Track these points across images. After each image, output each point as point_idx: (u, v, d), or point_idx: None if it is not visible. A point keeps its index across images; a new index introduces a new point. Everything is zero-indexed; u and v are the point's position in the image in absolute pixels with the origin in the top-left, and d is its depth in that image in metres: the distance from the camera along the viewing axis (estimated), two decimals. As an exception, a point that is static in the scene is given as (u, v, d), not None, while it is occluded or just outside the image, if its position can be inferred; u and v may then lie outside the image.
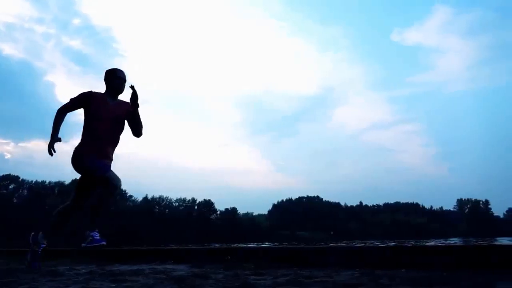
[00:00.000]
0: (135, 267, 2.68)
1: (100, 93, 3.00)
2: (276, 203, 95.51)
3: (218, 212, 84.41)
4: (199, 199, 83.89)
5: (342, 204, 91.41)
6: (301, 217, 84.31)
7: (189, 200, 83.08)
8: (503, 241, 26.98)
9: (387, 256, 2.35)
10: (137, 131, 3.10)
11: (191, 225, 72.41)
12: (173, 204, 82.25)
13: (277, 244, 25.36)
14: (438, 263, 2.16)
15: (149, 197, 78.60)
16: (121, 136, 3.06)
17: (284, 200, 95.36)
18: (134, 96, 2.91)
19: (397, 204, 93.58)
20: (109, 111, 2.95)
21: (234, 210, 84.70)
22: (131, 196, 76.35)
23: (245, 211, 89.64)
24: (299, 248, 2.91)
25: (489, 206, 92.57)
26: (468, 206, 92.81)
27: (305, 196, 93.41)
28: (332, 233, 75.47)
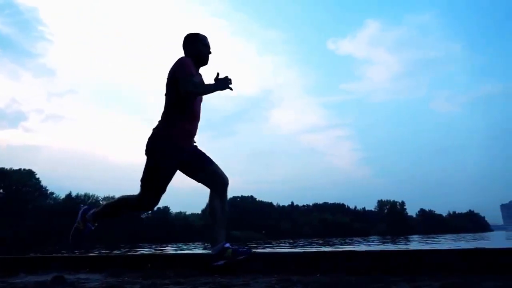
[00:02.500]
0: (42, 278, 2.46)
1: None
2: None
3: (149, 211, 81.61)
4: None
5: (275, 204, 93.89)
6: (235, 216, 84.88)
7: (118, 198, 79.20)
8: (414, 238, 29.99)
9: (305, 262, 2.45)
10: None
11: (120, 225, 68.94)
12: (101, 202, 77.81)
13: (208, 244, 25.21)
14: (350, 268, 2.31)
15: (73, 194, 73.27)
16: None
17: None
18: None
19: (325, 204, 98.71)
20: None
21: (166, 209, 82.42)
22: (51, 193, 70.49)
23: (178, 210, 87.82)
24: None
25: (405, 207, 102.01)
26: (387, 206, 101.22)
27: (240, 196, 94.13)
28: (264, 232, 77.15)
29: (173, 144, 2.24)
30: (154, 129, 2.29)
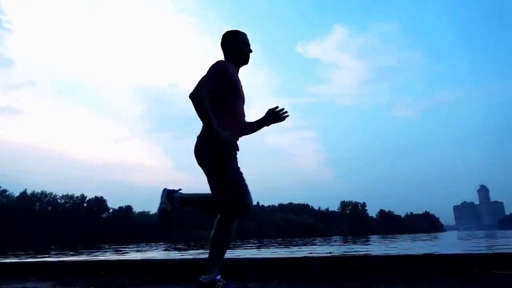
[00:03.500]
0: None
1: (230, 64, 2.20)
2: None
3: (111, 210, 78.97)
4: (90, 195, 77.53)
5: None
6: (199, 216, 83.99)
7: (77, 197, 76.10)
8: (374, 238, 31.09)
9: (263, 268, 2.45)
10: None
11: (79, 224, 66.20)
12: (58, 200, 74.41)
13: (172, 244, 24.72)
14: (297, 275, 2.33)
15: (28, 192, 69.61)
16: None
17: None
18: (279, 119, 2.34)
19: (290, 204, 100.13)
20: (242, 89, 2.25)
21: (129, 208, 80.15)
22: (4, 191, 66.58)
23: (141, 210, 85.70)
24: (173, 260, 2.85)
25: (366, 208, 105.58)
26: (349, 207, 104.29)
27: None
28: (229, 232, 77.27)
29: (223, 146, 2.00)
30: (198, 137, 2.13)
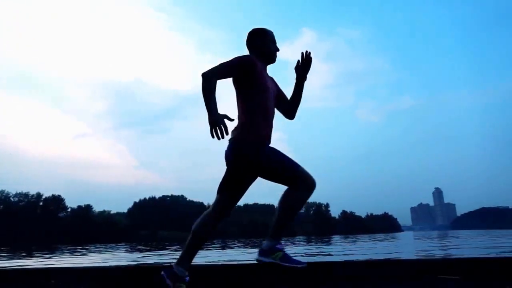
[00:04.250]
0: None
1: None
2: (137, 201, 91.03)
3: (69, 210, 75.67)
4: (46, 194, 73.87)
5: (206, 204, 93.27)
6: (164, 216, 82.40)
7: (32, 195, 72.32)
8: (336, 238, 31.91)
9: (211, 275, 2.44)
10: (294, 112, 2.44)
11: (34, 224, 62.85)
12: (11, 199, 70.35)
13: (134, 245, 24.04)
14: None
15: (-23, 190, 65.27)
16: None
17: (147, 198, 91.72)
18: (308, 64, 2.34)
19: (255, 205, 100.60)
20: (271, 84, 2.23)
21: (88, 207, 77.11)
22: None
23: (101, 209, 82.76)
24: (121, 267, 2.77)
25: (329, 209, 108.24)
26: (313, 208, 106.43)
27: (169, 195, 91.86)
28: (193, 232, 76.31)
29: (254, 143, 2.06)
30: (230, 138, 2.11)
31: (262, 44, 2.23)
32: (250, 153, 2.03)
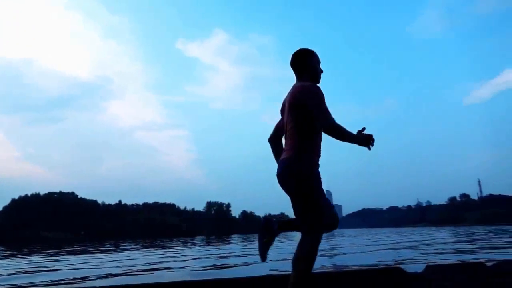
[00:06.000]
0: None
1: None
2: (17, 198, 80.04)
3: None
4: None
5: (100, 202, 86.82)
6: (50, 215, 73.93)
7: None
8: (235, 238, 32.97)
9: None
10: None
11: None
12: None
13: (3, 249, 21.16)
14: None
15: None
16: None
17: (29, 195, 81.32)
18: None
19: (155, 204, 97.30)
20: None
21: (-50, 204, 64.97)
22: None
23: (-32, 207, 70.56)
24: None
25: (230, 209, 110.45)
26: (215, 208, 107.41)
27: (57, 191, 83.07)
28: (82, 233, 70.04)
29: (312, 171, 2.08)
30: (286, 158, 2.09)
31: (313, 66, 2.26)
32: (306, 173, 2.07)
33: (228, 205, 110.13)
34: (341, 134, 1.98)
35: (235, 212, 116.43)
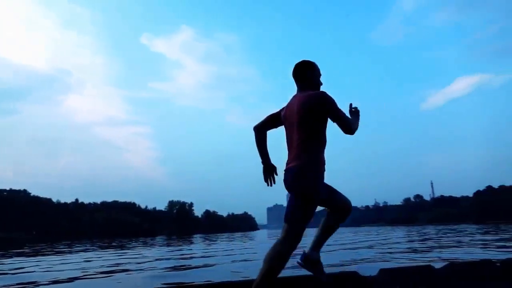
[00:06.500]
0: None
1: None
2: (-40, 195, 74.32)
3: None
4: None
5: (55, 200, 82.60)
6: (-3, 214, 69.28)
7: None
8: (197, 237, 32.63)
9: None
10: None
11: None
12: None
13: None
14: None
15: None
16: None
17: (-26, 192, 75.79)
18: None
19: (115, 202, 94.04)
20: None
21: None
22: None
23: None
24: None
25: (193, 208, 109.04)
26: (177, 207, 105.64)
27: (7, 189, 78.17)
28: (34, 232, 66.32)
29: (321, 176, 2.22)
30: (297, 165, 2.18)
31: (316, 78, 2.39)
32: (317, 182, 2.18)
33: (191, 204, 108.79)
34: (358, 127, 2.33)
35: (198, 211, 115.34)
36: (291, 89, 2.40)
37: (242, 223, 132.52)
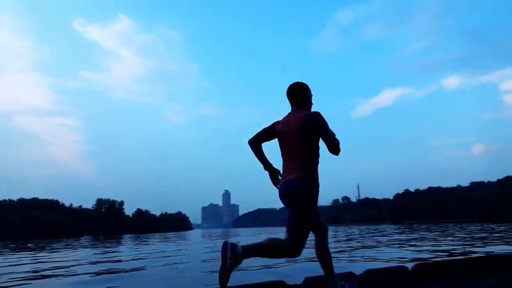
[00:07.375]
0: None
1: None
2: None
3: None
4: None
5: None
6: None
7: None
8: (127, 238, 31.18)
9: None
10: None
11: None
12: None
13: None
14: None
15: None
16: None
17: None
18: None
19: (34, 200, 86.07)
20: None
21: None
22: None
23: None
24: None
25: (123, 207, 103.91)
26: (106, 206, 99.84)
27: None
28: None
29: (318, 188, 2.38)
30: (297, 177, 2.34)
31: (309, 98, 2.62)
32: (315, 192, 2.38)
33: (122, 203, 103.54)
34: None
35: (129, 210, 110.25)
36: (231, 89, 2.52)
37: (176, 223, 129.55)
